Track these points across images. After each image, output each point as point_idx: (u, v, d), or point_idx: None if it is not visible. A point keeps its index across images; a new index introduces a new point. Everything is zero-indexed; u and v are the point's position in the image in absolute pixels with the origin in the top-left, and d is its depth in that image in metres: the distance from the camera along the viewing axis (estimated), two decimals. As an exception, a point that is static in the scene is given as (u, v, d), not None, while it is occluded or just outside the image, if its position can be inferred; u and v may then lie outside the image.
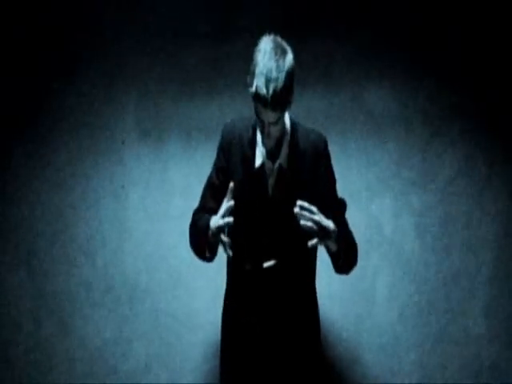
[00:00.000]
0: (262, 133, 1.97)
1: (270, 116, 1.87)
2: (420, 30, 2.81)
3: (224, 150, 2.11)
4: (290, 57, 1.87)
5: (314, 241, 1.87)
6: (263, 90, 1.81)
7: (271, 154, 2.04)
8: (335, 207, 2.06)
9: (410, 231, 2.85)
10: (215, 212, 2.00)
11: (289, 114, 2.08)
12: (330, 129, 2.72)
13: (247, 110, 2.03)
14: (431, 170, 2.84)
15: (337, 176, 2.16)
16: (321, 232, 1.88)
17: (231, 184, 1.94)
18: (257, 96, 1.83)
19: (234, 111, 2.80)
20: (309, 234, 1.88)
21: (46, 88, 2.86)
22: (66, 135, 2.87)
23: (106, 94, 2.86)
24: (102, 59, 2.85)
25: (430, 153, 2.84)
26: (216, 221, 1.94)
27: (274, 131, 1.95)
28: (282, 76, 1.82)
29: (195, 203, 2.80)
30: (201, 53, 2.83)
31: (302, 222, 1.85)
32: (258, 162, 2.04)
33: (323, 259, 2.21)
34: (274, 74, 1.81)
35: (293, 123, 2.08)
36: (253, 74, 1.85)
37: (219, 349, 2.25)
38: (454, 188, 2.84)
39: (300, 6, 2.80)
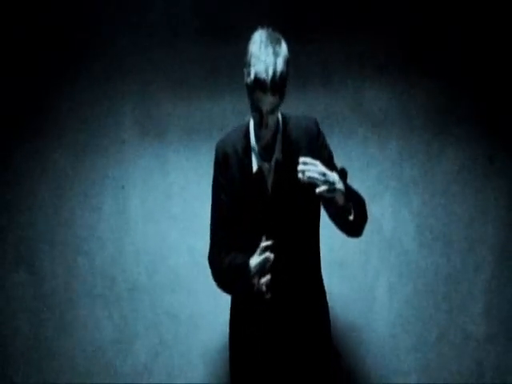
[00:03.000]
0: (260, 125, 1.95)
1: (269, 102, 1.87)
2: (420, 30, 2.81)
3: (220, 166, 2.09)
4: (284, 44, 1.91)
5: (322, 188, 1.85)
6: (263, 75, 1.82)
7: (266, 153, 2.04)
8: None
9: (410, 231, 2.85)
10: (230, 247, 2.02)
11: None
12: (330, 129, 2.72)
13: (247, 109, 2.03)
14: (431, 169, 2.84)
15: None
16: (327, 182, 1.87)
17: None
18: (256, 81, 1.84)
19: (234, 110, 2.80)
20: (314, 186, 1.87)
21: (46, 88, 2.86)
22: (66, 135, 2.87)
23: (105, 94, 2.86)
24: (101, 59, 2.85)
25: (430, 152, 2.84)
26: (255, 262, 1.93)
27: (271, 121, 1.95)
28: (280, 60, 1.85)
29: (195, 203, 2.82)
30: (200, 52, 2.83)
31: (308, 174, 1.85)
32: (255, 167, 2.05)
33: (323, 259, 2.21)
34: (272, 59, 1.84)
35: (284, 117, 2.08)
36: (249, 65, 1.87)
37: (219, 349, 2.24)
38: (454, 188, 2.84)
39: (300, 6, 2.80)
